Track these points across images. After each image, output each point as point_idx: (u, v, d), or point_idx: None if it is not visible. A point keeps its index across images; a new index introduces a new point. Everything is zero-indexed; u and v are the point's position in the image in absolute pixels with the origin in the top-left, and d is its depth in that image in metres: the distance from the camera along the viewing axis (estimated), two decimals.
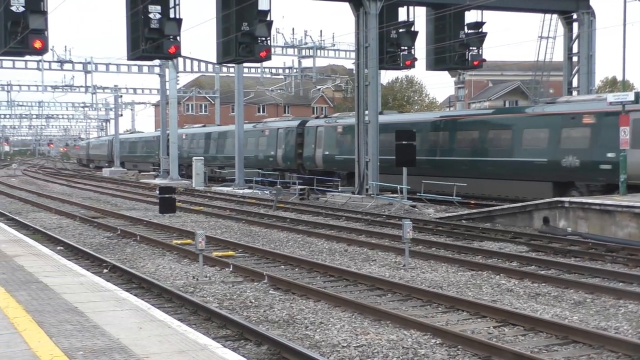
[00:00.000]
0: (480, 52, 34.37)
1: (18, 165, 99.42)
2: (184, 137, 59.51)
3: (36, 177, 68.12)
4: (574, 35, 35.03)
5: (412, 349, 9.81)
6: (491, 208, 25.41)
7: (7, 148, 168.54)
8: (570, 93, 35.24)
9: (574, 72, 35.11)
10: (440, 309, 12.24)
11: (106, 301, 9.85)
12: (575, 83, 35.05)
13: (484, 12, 33.88)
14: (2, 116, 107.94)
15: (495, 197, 30.32)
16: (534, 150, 28.43)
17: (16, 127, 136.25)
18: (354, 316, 11.63)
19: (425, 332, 10.47)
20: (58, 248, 19.10)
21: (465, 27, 34.05)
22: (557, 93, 40.42)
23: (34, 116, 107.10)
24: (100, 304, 9.62)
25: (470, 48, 34.20)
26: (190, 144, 59.06)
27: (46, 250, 15.35)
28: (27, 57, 45.66)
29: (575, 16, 34.83)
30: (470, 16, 34.15)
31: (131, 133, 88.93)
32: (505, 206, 24.75)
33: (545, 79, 42.44)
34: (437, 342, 10.09)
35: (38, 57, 48.50)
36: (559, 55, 36.64)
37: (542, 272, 15.66)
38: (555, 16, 37.00)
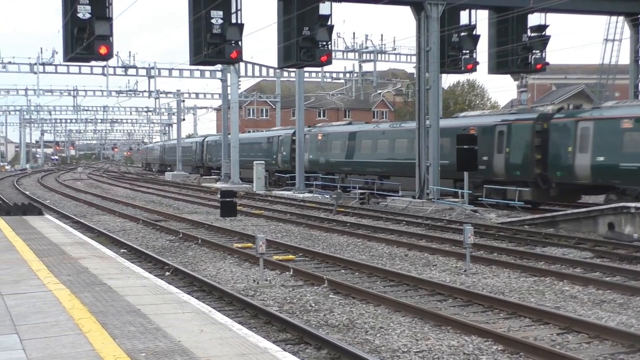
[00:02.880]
0: (543, 55, 33.79)
1: (83, 169, 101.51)
2: (319, 137, 48.40)
3: (101, 180, 69.37)
4: None
5: (474, 355, 9.70)
6: (554, 213, 25.02)
7: (73, 152, 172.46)
8: (636, 97, 34.50)
9: None
10: (502, 315, 12.09)
11: (168, 304, 9.96)
12: None
13: (548, 14, 33.36)
14: (69, 121, 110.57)
15: None
16: None
17: (82, 131, 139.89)
18: (414, 321, 11.55)
19: (486, 339, 10.34)
20: (121, 251, 19.38)
21: (528, 30, 33.51)
22: (623, 97, 39.60)
23: (99, 121, 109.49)
24: (162, 307, 9.73)
25: (533, 51, 33.63)
26: (332, 147, 46.66)
27: (110, 253, 15.62)
28: (93, 63, 46.82)
29: None
30: (533, 19, 33.60)
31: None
32: (569, 211, 24.34)
33: (611, 82, 41.60)
34: (499, 348, 9.96)
35: (103, 63, 49.62)
36: (625, 58, 35.95)
37: (607, 278, 15.35)
38: (621, 18, 36.32)
